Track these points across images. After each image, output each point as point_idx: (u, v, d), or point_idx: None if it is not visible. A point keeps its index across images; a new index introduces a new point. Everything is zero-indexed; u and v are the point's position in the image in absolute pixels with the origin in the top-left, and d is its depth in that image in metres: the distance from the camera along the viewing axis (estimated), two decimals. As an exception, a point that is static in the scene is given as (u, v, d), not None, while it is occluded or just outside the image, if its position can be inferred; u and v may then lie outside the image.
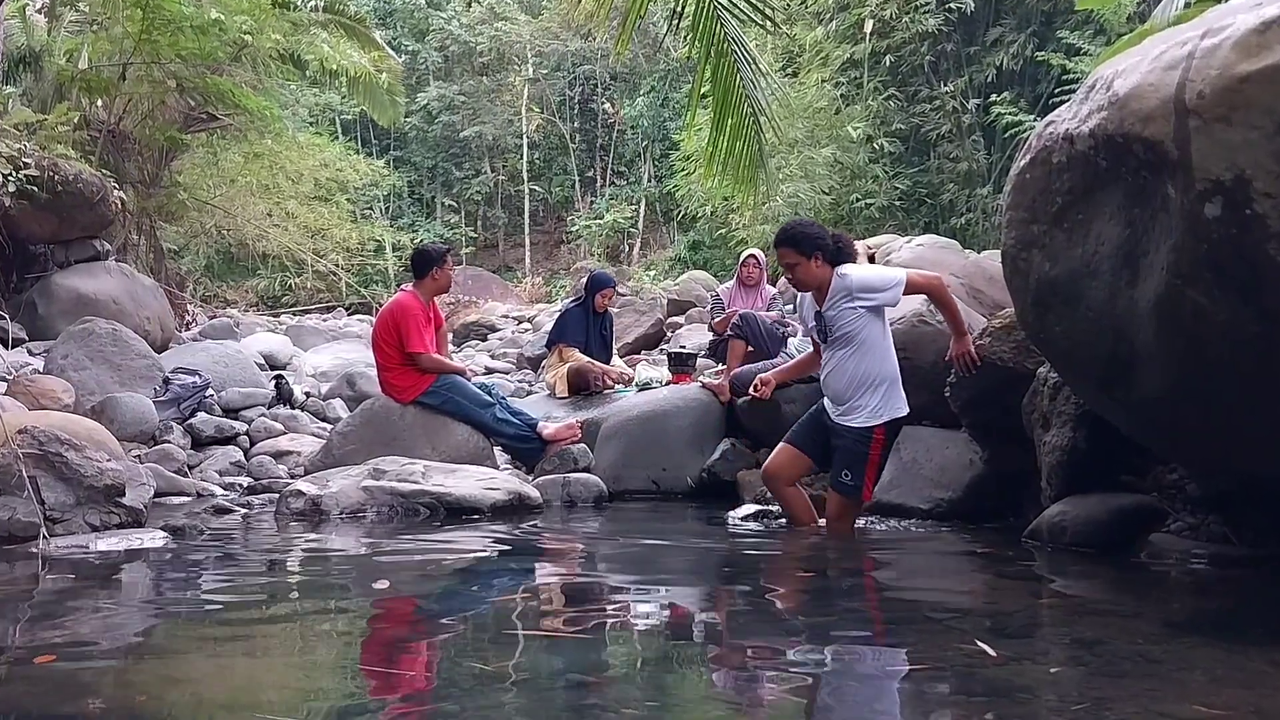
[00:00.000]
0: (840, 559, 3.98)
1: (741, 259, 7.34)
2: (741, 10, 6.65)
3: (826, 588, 3.49)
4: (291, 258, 16.80)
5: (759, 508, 4.80)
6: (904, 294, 4.04)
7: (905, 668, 2.33)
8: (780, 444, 4.38)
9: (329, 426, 6.69)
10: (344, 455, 5.47)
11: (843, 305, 4.06)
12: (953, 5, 12.85)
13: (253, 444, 6.30)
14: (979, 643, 2.37)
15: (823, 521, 4.36)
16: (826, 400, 4.26)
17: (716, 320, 7.17)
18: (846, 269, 4.07)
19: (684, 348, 7.62)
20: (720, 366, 6.57)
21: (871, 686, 2.22)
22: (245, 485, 5.61)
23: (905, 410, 4.14)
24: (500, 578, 3.56)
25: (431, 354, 5.71)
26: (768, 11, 7.00)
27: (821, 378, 4.26)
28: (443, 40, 25.62)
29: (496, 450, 5.90)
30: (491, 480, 4.99)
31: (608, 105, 24.93)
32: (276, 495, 4.91)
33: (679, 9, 6.49)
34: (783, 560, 4.07)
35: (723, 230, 16.34)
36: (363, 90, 14.05)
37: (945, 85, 13.20)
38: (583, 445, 5.70)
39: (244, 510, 4.81)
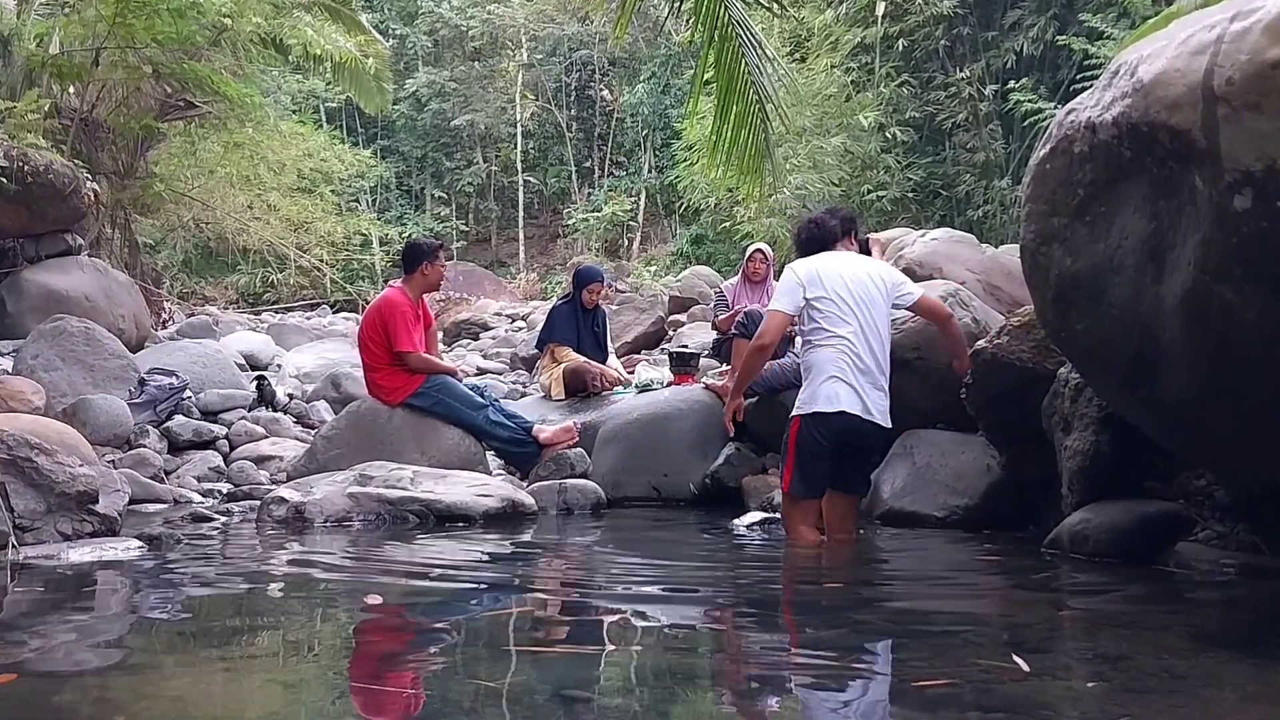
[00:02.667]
0: (850, 569, 3.98)
1: (748, 254, 7.35)
2: (747, -8, 6.66)
3: (835, 599, 3.49)
4: (273, 252, 16.78)
5: (764, 515, 4.81)
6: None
7: (919, 683, 2.33)
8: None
9: (313, 430, 6.69)
10: (329, 460, 5.47)
11: None
12: (969, -14, 12.87)
13: (233, 448, 6.31)
14: (1015, 656, 2.36)
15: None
16: None
17: (721, 318, 7.17)
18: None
19: (686, 347, 7.62)
20: (724, 367, 6.58)
21: (883, 703, 2.22)
22: (225, 492, 5.62)
23: (821, 408, 4.14)
24: (493, 589, 3.55)
25: (421, 354, 5.72)
26: (774, -7, 7.00)
27: None
28: (432, 23, 25.61)
29: (489, 455, 5.91)
30: (484, 486, 4.99)
31: (606, 92, 24.92)
32: (258, 502, 4.92)
33: (681, -9, 6.50)
34: (790, 570, 4.07)
35: (727, 224, 16.32)
36: (348, 76, 14.05)
37: (961, 71, 13.18)
38: (580, 450, 5.70)
39: (223, 518, 4.81)
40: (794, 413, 4.20)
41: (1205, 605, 3.22)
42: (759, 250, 7.39)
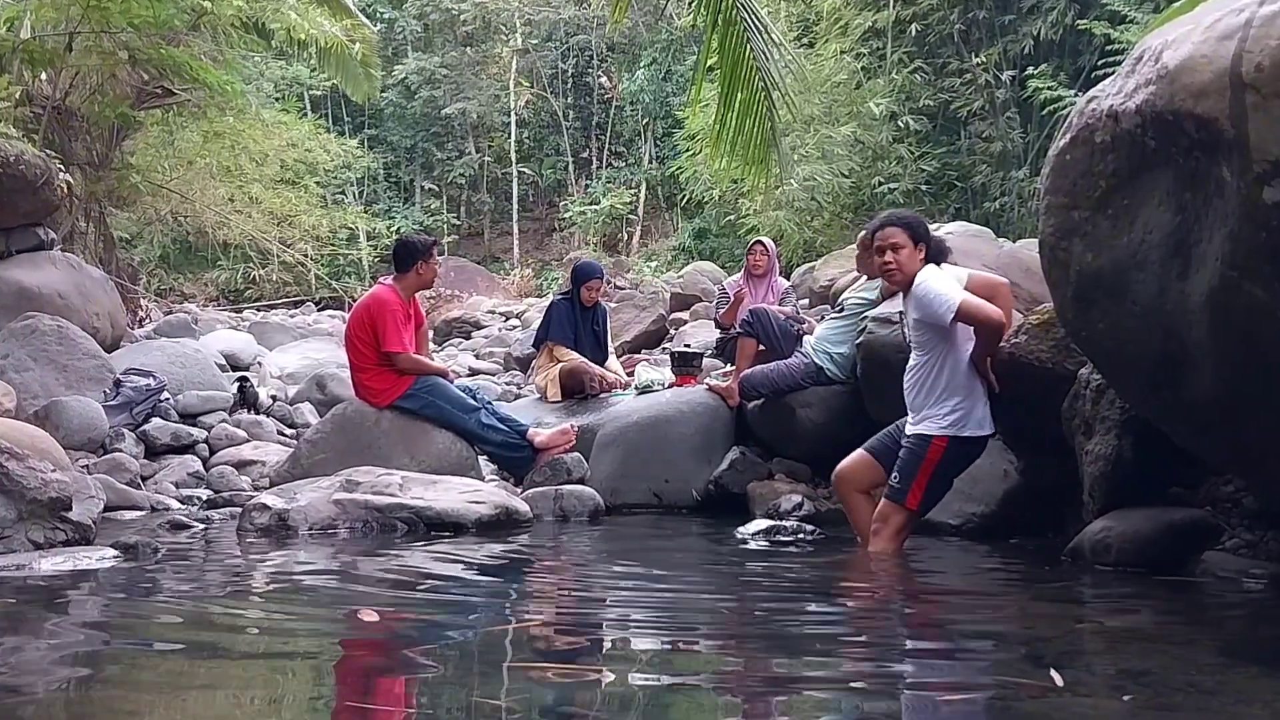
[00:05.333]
0: (862, 580, 3.98)
1: (749, 246, 7.39)
2: (752, -26, 6.66)
3: (846, 612, 3.49)
4: (255, 247, 16.82)
5: (771, 523, 4.80)
6: (957, 321, 3.94)
7: (934, 698, 2.33)
8: (858, 450, 4.45)
9: (297, 433, 6.69)
10: (313, 465, 5.47)
11: (910, 309, 4.14)
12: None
13: (213, 453, 6.31)
14: (1052, 670, 2.35)
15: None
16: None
17: (723, 311, 7.20)
18: (925, 274, 4.06)
19: (689, 346, 7.62)
20: (728, 367, 6.57)
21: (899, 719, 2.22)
22: (204, 498, 5.62)
23: (976, 432, 4.08)
24: (486, 601, 3.55)
25: (410, 354, 5.72)
26: (781, -25, 7.01)
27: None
28: (422, 7, 25.59)
29: (482, 460, 5.91)
30: (476, 493, 4.99)
31: (604, 79, 24.91)
32: (239, 509, 4.91)
33: (683, -28, 6.51)
34: (798, 582, 4.07)
35: (731, 217, 16.33)
36: (334, 62, 14.03)
37: (977, 57, 13.19)
38: (577, 454, 5.70)
39: (203, 526, 4.81)
40: (943, 432, 4.05)
41: (1234, 617, 3.22)
42: (759, 243, 7.43)
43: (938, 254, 4.18)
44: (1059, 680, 2.30)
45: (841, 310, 5.78)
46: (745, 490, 5.55)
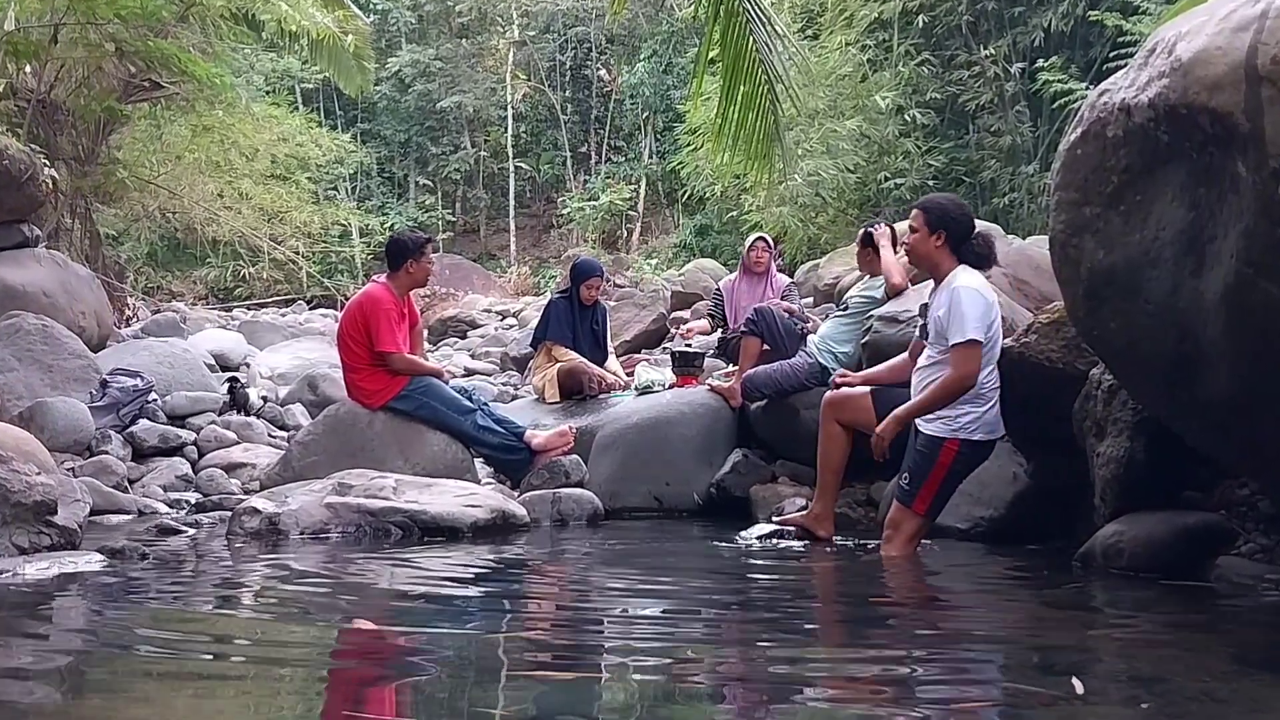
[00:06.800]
0: (866, 585, 3.98)
1: (748, 243, 7.39)
2: (755, -36, 6.66)
3: (850, 617, 3.49)
4: (245, 244, 16.81)
5: (774, 527, 4.80)
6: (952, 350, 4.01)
7: (944, 706, 2.33)
8: (863, 388, 4.63)
9: (288, 435, 6.69)
10: (305, 468, 5.47)
11: (935, 309, 4.14)
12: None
13: (201, 455, 6.31)
14: (1074, 678, 2.35)
15: (839, 538, 4.61)
16: None
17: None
18: (964, 282, 4.05)
19: (690, 346, 7.62)
20: (731, 367, 6.57)
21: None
22: (193, 502, 5.62)
23: (987, 435, 4.12)
24: (482, 608, 3.55)
25: (404, 354, 5.72)
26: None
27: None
28: (417, -2, 25.65)
29: (478, 462, 5.91)
30: (472, 496, 5.00)
31: (603, 72, 24.92)
32: (228, 513, 4.91)
33: (684, -38, 6.51)
34: (801, 587, 4.07)
35: (733, 213, 16.34)
36: (326, 55, 14.04)
37: (986, 49, 13.18)
38: (575, 456, 5.70)
39: (191, 530, 4.81)
40: (955, 434, 4.07)
41: (1248, 624, 3.22)
42: (761, 239, 7.42)
43: (980, 259, 4.19)
44: (1080, 688, 2.29)
45: (846, 308, 5.79)
46: (748, 493, 5.55)
